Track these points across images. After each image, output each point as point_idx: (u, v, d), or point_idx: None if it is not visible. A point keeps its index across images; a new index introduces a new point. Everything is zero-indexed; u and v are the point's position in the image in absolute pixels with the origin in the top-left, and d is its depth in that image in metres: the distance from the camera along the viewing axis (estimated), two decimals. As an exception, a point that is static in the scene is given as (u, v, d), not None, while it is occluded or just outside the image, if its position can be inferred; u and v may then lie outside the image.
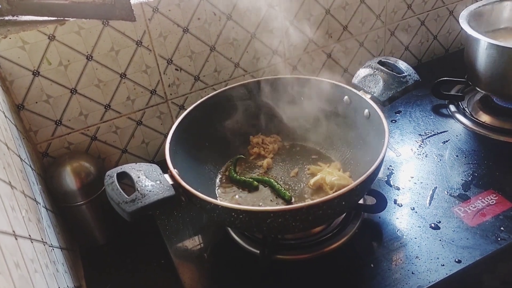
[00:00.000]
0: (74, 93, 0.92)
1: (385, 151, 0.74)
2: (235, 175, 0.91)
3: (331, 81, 0.92)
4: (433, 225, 0.83)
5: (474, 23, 1.04)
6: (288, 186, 0.90)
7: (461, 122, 1.08)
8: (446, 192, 0.90)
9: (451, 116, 1.11)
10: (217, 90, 0.95)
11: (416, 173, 0.95)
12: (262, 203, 0.86)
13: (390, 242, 0.81)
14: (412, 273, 0.75)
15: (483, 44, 0.98)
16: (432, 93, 1.15)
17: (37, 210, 0.70)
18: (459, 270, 0.74)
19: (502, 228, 0.80)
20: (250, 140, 1.00)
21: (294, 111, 0.99)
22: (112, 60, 0.92)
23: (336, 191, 0.69)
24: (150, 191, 0.69)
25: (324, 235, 0.82)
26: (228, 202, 0.87)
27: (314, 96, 0.95)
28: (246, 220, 0.69)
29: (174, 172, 0.74)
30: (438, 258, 0.77)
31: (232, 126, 0.98)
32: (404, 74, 0.90)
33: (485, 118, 1.07)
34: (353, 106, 0.90)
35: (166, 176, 0.73)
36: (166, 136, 0.98)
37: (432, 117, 1.11)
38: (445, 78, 1.14)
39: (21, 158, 0.72)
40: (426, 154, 1.00)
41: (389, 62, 0.93)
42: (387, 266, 0.77)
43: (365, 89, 0.90)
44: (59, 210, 0.89)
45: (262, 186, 0.90)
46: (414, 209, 0.87)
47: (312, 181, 0.88)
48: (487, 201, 0.86)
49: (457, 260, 0.76)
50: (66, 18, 0.86)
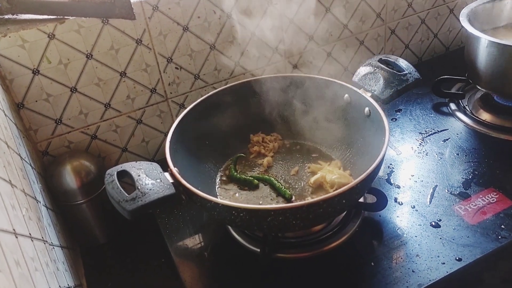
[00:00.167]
0: (74, 91, 0.91)
1: (385, 150, 0.74)
2: (236, 174, 0.91)
3: (332, 79, 0.92)
4: (433, 223, 0.83)
5: (474, 21, 1.04)
6: (288, 185, 0.90)
7: (461, 120, 1.08)
8: (446, 190, 0.89)
9: (452, 114, 1.11)
10: (217, 89, 0.95)
11: (416, 171, 0.95)
12: (263, 202, 0.86)
13: (391, 240, 0.81)
14: (412, 271, 0.75)
15: (484, 42, 0.98)
16: (432, 91, 1.15)
17: (37, 209, 0.70)
18: (460, 268, 0.74)
19: (502, 226, 0.80)
20: (250, 138, 1.00)
21: (294, 110, 0.99)
22: (112, 58, 0.92)
23: (336, 190, 0.69)
24: (150, 190, 0.69)
25: (324, 234, 0.82)
26: (228, 200, 0.87)
27: (315, 94, 0.95)
28: (246, 218, 0.69)
29: (175, 170, 0.74)
30: (438, 256, 0.77)
31: (232, 124, 0.98)
32: (404, 72, 0.90)
33: (485, 116, 1.07)
34: (353, 105, 0.90)
35: (167, 174, 0.73)
36: (166, 134, 0.98)
37: (432, 115, 1.11)
38: (445, 76, 1.14)
39: (21, 157, 0.72)
40: (427, 153, 0.99)
41: (389, 60, 0.93)
42: (388, 264, 0.77)
43: (365, 87, 0.90)
44: (59, 209, 0.89)
45: (262, 185, 0.90)
46: (414, 207, 0.87)
47: (312, 179, 0.88)
48: (488, 199, 0.86)
49: (457, 258, 0.76)
50: (65, 17, 0.86)
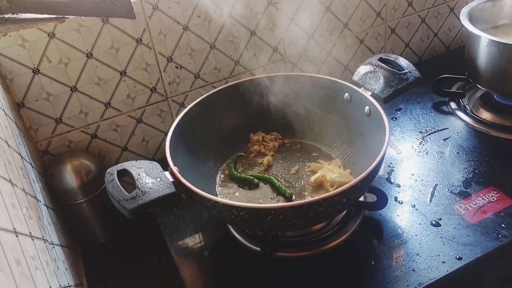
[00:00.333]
0: (74, 91, 0.91)
1: (385, 149, 0.74)
2: (236, 173, 0.91)
3: (332, 78, 0.92)
4: (433, 222, 0.83)
5: (474, 20, 1.03)
6: (288, 184, 0.90)
7: (461, 119, 1.08)
8: (446, 189, 0.89)
9: (452, 113, 1.10)
10: (217, 88, 0.95)
11: (416, 170, 0.95)
12: (263, 201, 0.86)
13: (391, 239, 0.81)
14: (413, 270, 0.75)
15: (484, 41, 0.98)
16: (432, 90, 1.15)
17: (37, 208, 0.70)
18: (460, 267, 0.74)
19: (503, 225, 0.80)
20: (250, 137, 1.00)
21: (294, 109, 0.99)
22: (112, 58, 0.92)
23: (336, 189, 0.69)
24: (150, 189, 0.69)
25: (324, 233, 0.82)
26: (228, 199, 0.87)
27: (315, 93, 0.95)
28: (246, 217, 0.69)
29: (175, 169, 0.74)
30: (439, 255, 0.77)
31: (232, 123, 0.98)
32: (404, 71, 0.90)
33: (485, 115, 1.07)
34: (353, 103, 0.90)
35: (167, 173, 0.73)
36: (166, 134, 0.98)
37: (432, 114, 1.11)
38: (445, 75, 1.14)
39: (21, 156, 0.72)
40: (427, 151, 0.99)
41: (389, 59, 0.93)
42: (388, 263, 0.77)
43: (365, 86, 0.90)
44: (60, 208, 0.89)
45: (262, 184, 0.90)
46: (414, 206, 0.87)
47: (312, 178, 0.88)
48: (488, 198, 0.86)
49: (458, 257, 0.76)
50: (66, 16, 0.86)
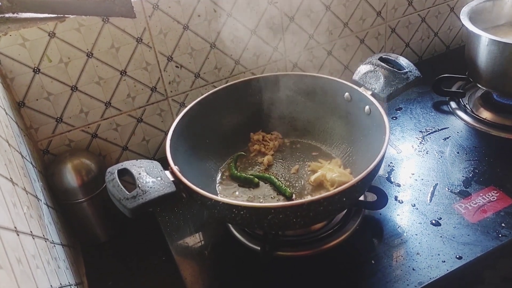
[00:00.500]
0: (75, 90, 0.92)
1: (385, 148, 0.74)
2: (236, 172, 0.91)
3: (332, 77, 0.92)
4: (434, 221, 0.83)
5: (475, 20, 1.03)
6: (288, 183, 0.90)
7: (462, 119, 1.08)
8: (447, 188, 0.90)
9: (452, 112, 1.11)
10: (217, 87, 0.95)
11: (417, 169, 0.95)
12: (263, 200, 0.86)
13: (391, 238, 0.81)
14: (413, 269, 0.75)
15: (484, 40, 0.98)
16: (432, 89, 1.15)
17: (38, 207, 0.70)
18: (460, 266, 0.74)
19: (503, 224, 0.80)
20: (250, 137, 1.00)
21: (295, 108, 0.99)
22: (112, 57, 0.92)
23: (336, 188, 0.69)
24: (151, 188, 0.69)
25: (325, 232, 0.82)
26: (228, 198, 0.87)
27: (315, 93, 0.95)
28: (247, 216, 0.69)
29: (175, 168, 0.74)
30: (439, 255, 0.77)
31: (232, 123, 0.98)
32: (405, 71, 0.90)
33: (486, 114, 1.07)
34: (353, 103, 0.90)
35: (167, 172, 0.73)
36: (166, 133, 0.98)
37: (433, 113, 1.11)
38: (446, 75, 1.14)
39: (22, 155, 0.72)
40: (427, 151, 1.00)
41: (390, 58, 0.93)
42: (388, 262, 0.77)
43: (365, 85, 0.90)
44: (60, 207, 0.89)
45: (262, 183, 0.90)
46: (415, 205, 0.87)
47: (312, 177, 0.88)
48: (488, 197, 0.86)
49: (458, 256, 0.76)
50: (66, 15, 0.86)
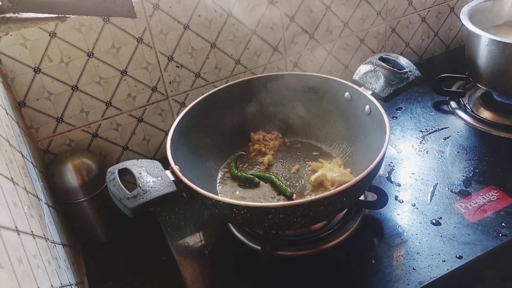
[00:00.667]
0: (75, 90, 0.92)
1: (386, 148, 0.74)
2: (236, 172, 0.91)
3: (332, 77, 0.92)
4: (434, 221, 0.83)
5: (475, 20, 1.04)
6: (289, 183, 0.90)
7: (462, 119, 1.08)
8: (447, 188, 0.90)
9: (452, 112, 1.11)
10: (218, 87, 0.95)
11: (417, 169, 0.95)
12: (263, 200, 0.86)
13: (391, 238, 0.81)
14: (413, 269, 0.75)
15: (484, 40, 0.98)
16: (433, 89, 1.15)
17: (39, 207, 0.70)
18: (460, 266, 0.74)
19: (503, 224, 0.80)
20: (251, 136, 1.00)
21: (295, 108, 0.99)
22: (113, 57, 0.92)
23: (337, 188, 0.69)
24: (151, 187, 0.69)
25: (325, 231, 0.82)
26: (229, 198, 0.87)
27: (315, 92, 0.95)
28: (247, 216, 0.69)
29: (176, 168, 0.74)
30: (439, 254, 0.77)
31: (233, 122, 0.98)
32: (405, 70, 0.90)
33: (486, 114, 1.07)
34: (354, 103, 0.90)
35: (168, 172, 0.73)
36: (167, 133, 0.98)
37: (433, 113, 1.11)
38: (446, 75, 1.14)
39: (22, 155, 0.72)
40: (427, 151, 1.00)
41: (390, 58, 0.93)
42: (388, 262, 0.77)
43: (366, 85, 0.90)
44: (61, 207, 0.89)
45: (263, 183, 0.90)
46: (415, 205, 0.87)
47: (313, 177, 0.88)
48: (488, 197, 0.86)
49: (458, 256, 0.76)
50: (67, 15, 0.86)
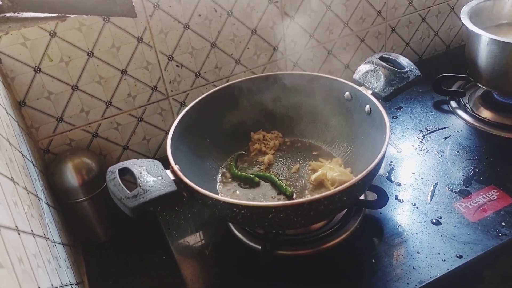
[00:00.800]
0: (75, 89, 0.92)
1: (386, 147, 0.74)
2: (236, 171, 0.91)
3: (332, 77, 0.92)
4: (434, 220, 0.83)
5: (475, 19, 1.04)
6: (289, 182, 0.90)
7: (462, 118, 1.08)
8: (447, 187, 0.90)
9: (452, 112, 1.11)
10: (218, 87, 0.95)
11: (417, 169, 0.95)
12: (263, 199, 0.86)
13: (391, 237, 0.81)
14: (413, 268, 0.75)
15: (484, 39, 0.98)
16: (433, 89, 1.15)
17: (39, 206, 0.70)
18: (460, 265, 0.75)
19: (503, 223, 0.80)
20: (251, 136, 1.00)
21: (295, 107, 0.99)
22: (113, 56, 0.92)
23: (337, 187, 0.69)
24: (152, 187, 0.69)
25: (325, 231, 0.82)
26: (229, 197, 0.87)
27: (315, 92, 0.95)
28: (247, 215, 0.69)
29: (176, 168, 0.74)
30: (439, 254, 0.77)
31: (233, 122, 0.98)
32: (405, 70, 0.90)
33: (486, 114, 1.07)
34: (354, 102, 0.90)
35: (168, 172, 0.74)
36: (167, 132, 0.98)
37: (433, 113, 1.11)
38: (446, 74, 1.14)
39: (23, 154, 0.72)
40: (427, 150, 1.00)
41: (390, 58, 0.93)
42: (388, 261, 0.77)
43: (366, 85, 0.90)
44: (61, 207, 0.89)
45: (263, 182, 0.90)
46: (415, 204, 0.87)
47: (313, 177, 0.88)
48: (488, 196, 0.86)
49: (458, 255, 0.76)
50: (67, 15, 0.86)
